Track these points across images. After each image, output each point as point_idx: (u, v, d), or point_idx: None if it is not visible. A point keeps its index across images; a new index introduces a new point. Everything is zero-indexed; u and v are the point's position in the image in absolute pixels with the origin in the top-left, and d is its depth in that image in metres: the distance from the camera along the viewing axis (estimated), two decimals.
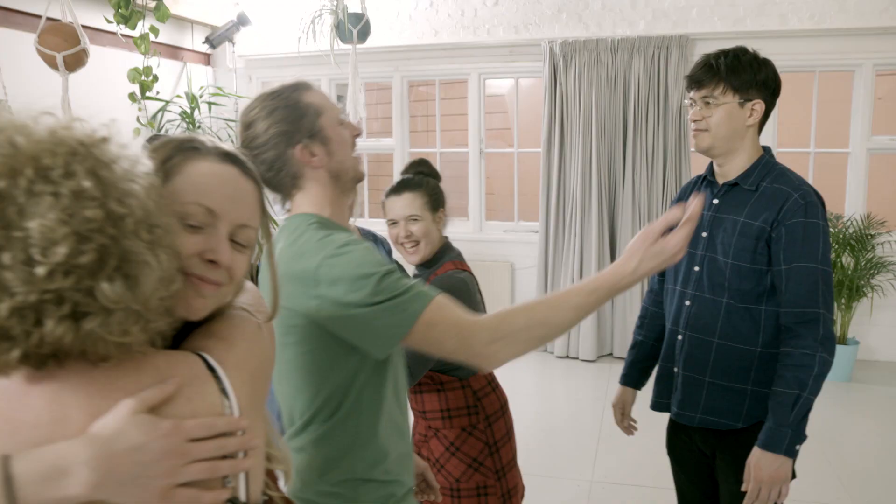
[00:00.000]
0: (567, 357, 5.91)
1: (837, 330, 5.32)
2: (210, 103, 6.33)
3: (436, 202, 2.18)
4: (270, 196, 1.46)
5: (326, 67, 6.15)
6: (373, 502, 1.47)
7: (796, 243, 1.83)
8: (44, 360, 0.77)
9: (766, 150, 2.04)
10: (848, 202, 5.69)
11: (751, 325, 1.91)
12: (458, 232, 6.40)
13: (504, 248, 6.22)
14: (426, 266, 2.18)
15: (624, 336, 5.76)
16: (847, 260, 5.32)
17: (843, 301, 5.27)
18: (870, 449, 4.15)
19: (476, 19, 6.12)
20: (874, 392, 5.07)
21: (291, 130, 1.43)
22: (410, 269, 2.18)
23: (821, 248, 1.84)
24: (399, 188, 2.18)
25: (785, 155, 5.83)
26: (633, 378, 2.33)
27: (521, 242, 6.23)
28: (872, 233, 5.34)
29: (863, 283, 5.24)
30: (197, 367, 0.87)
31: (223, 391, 0.87)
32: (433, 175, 2.25)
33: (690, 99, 1.99)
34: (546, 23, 5.99)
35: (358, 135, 1.54)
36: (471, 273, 2.17)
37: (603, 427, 4.43)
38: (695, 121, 1.96)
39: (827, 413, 4.70)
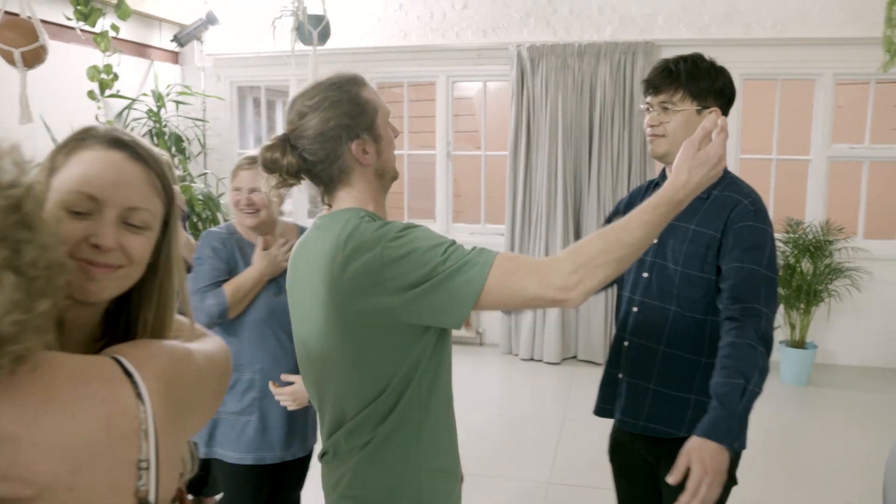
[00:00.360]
0: (532, 359, 5.94)
1: (797, 334, 5.40)
2: (177, 102, 6.29)
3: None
4: (313, 189, 1.50)
5: (293, 68, 6.14)
6: (440, 493, 1.48)
7: (743, 245, 1.81)
8: None
9: None
10: (808, 209, 5.77)
11: (697, 334, 1.90)
12: None
13: None
14: None
15: (588, 339, 5.80)
16: (806, 265, 5.41)
17: (801, 306, 5.35)
18: (827, 452, 4.22)
19: (445, 22, 6.14)
20: (832, 395, 5.15)
21: (352, 125, 1.42)
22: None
23: (767, 253, 1.82)
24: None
25: (748, 161, 5.92)
26: None
27: (487, 244, 6.19)
28: (831, 239, 5.43)
29: (821, 288, 5.32)
30: (112, 370, 0.87)
31: (139, 395, 0.87)
32: None
33: (647, 104, 1.97)
34: (514, 27, 6.02)
35: (398, 135, 1.56)
36: None
37: (563, 429, 4.46)
38: (651, 126, 1.94)
39: (785, 416, 4.78)
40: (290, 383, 2.16)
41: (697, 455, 1.58)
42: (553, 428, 4.50)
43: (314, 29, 4.64)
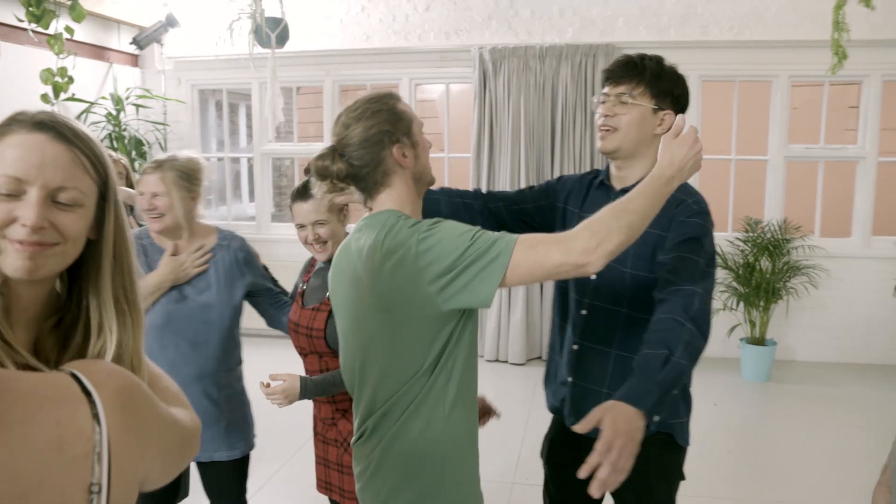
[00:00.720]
0: (497, 360, 5.96)
1: (757, 332, 5.49)
2: (137, 105, 6.22)
3: (340, 205, 2.22)
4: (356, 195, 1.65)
5: (257, 70, 6.10)
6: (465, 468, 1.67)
7: (682, 238, 1.79)
8: None
9: None
10: (766, 208, 5.88)
11: (643, 333, 1.82)
12: None
13: None
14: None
15: None
16: (765, 264, 5.50)
17: (761, 304, 5.44)
18: (786, 447, 4.29)
19: (407, 25, 6.15)
20: (792, 391, 5.24)
21: (392, 131, 1.58)
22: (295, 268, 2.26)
23: (706, 249, 1.79)
24: (304, 194, 2.26)
25: (707, 162, 5.99)
26: None
27: None
28: (789, 238, 5.53)
29: (779, 286, 5.42)
30: (69, 388, 0.86)
31: (95, 416, 0.86)
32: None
33: (604, 95, 1.90)
34: (476, 29, 6.05)
35: (431, 146, 1.71)
36: None
37: (528, 429, 4.49)
38: (606, 116, 1.87)
39: (746, 412, 4.85)
40: (276, 382, 2.20)
41: (611, 415, 1.46)
42: (518, 428, 4.52)
43: (272, 32, 4.61)
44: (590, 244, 1.43)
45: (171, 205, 2.29)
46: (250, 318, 2.57)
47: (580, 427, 1.47)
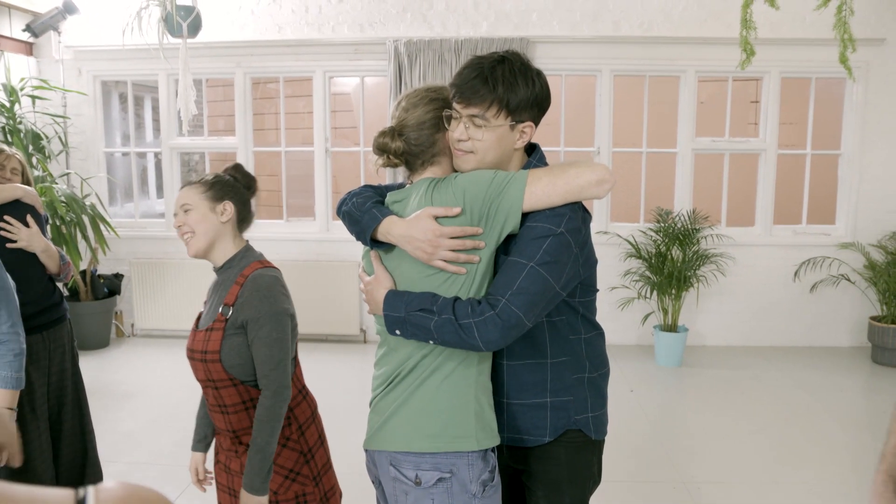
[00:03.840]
0: None
1: (669, 318, 5.76)
2: (33, 97, 5.97)
3: (220, 193, 2.12)
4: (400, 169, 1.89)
5: (163, 62, 5.96)
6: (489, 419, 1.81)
7: (522, 241, 1.72)
8: None
9: (535, 149, 1.90)
10: (676, 199, 6.16)
11: (536, 337, 1.84)
12: (305, 232, 6.39)
13: (351, 248, 6.26)
14: (229, 266, 2.13)
15: None
16: (676, 253, 5.77)
17: (672, 291, 5.71)
18: (699, 427, 4.53)
19: (321, 16, 6.13)
20: (703, 375, 5.52)
21: (445, 118, 1.78)
22: (208, 269, 2.15)
23: (545, 246, 1.70)
24: (188, 182, 2.18)
25: (620, 154, 6.25)
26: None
27: None
28: (698, 227, 5.81)
29: (690, 274, 5.69)
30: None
31: None
32: (243, 180, 2.22)
33: (455, 111, 1.75)
34: (391, 21, 6.09)
35: None
36: (278, 271, 2.14)
37: None
38: (461, 140, 1.74)
39: (660, 397, 5.08)
40: None
41: None
42: None
43: (184, 21, 4.51)
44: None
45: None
46: None
47: None
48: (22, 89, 5.86)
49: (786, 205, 6.43)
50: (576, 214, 1.72)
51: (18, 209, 2.83)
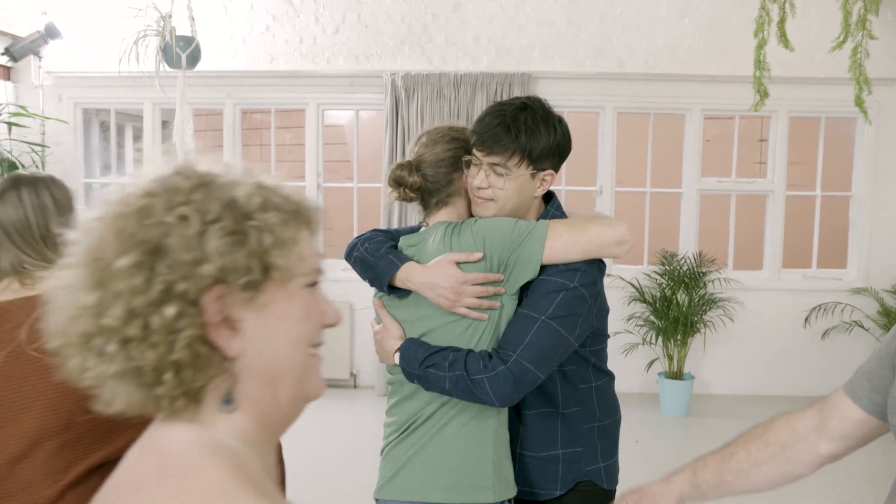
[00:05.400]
0: None
1: (675, 365, 5.64)
2: (10, 124, 5.83)
3: None
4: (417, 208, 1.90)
5: (150, 91, 5.82)
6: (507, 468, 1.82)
7: (535, 294, 1.73)
8: None
9: (551, 198, 1.92)
10: (682, 241, 6.08)
11: (547, 389, 1.85)
12: None
13: (343, 288, 6.07)
14: None
15: None
16: (682, 297, 5.67)
17: (678, 337, 5.60)
18: None
19: (315, 47, 6.06)
20: (710, 425, 5.39)
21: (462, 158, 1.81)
22: None
23: (556, 304, 1.71)
24: None
25: (623, 194, 6.18)
26: None
27: (360, 281, 5.96)
28: (704, 270, 5.73)
29: (696, 319, 5.59)
30: None
31: None
32: None
33: (476, 158, 1.77)
34: (388, 54, 6.03)
35: None
36: None
37: None
38: (481, 188, 1.76)
39: (666, 447, 4.95)
40: None
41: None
42: None
43: (183, 52, 4.42)
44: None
45: None
46: None
47: None
48: None
49: (795, 248, 6.37)
50: (591, 268, 1.75)
51: None
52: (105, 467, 1.49)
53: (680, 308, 5.61)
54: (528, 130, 1.73)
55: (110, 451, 1.52)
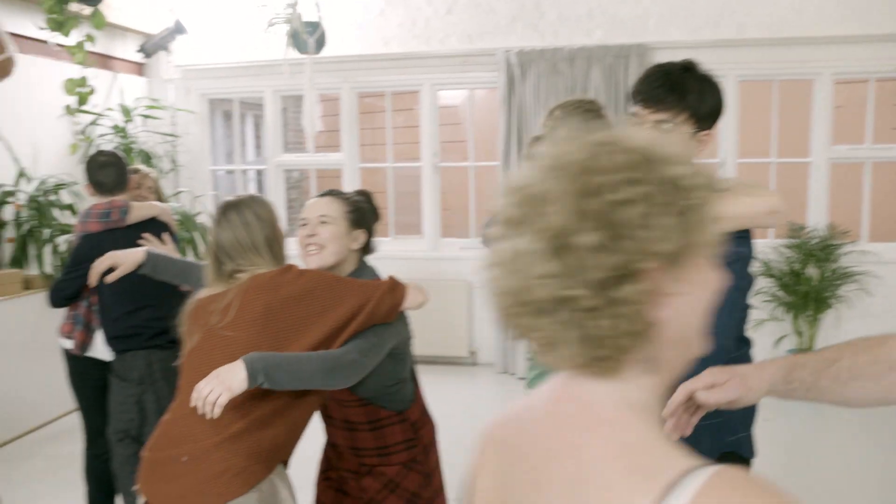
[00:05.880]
0: (505, 373, 5.95)
1: (805, 342, 5.46)
2: (145, 116, 6.19)
3: (358, 220, 2.17)
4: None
5: (271, 78, 6.08)
6: None
7: None
8: None
9: None
10: (810, 212, 5.85)
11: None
12: (413, 250, 6.38)
13: (461, 266, 6.21)
14: None
15: None
16: (812, 271, 5.47)
17: (809, 313, 5.41)
18: (840, 462, 4.25)
19: (428, 29, 6.14)
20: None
21: None
22: None
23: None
24: (323, 193, 2.22)
25: (746, 165, 6.00)
26: None
27: (478, 260, 6.20)
28: (836, 243, 5.50)
29: (828, 294, 5.39)
30: None
31: None
32: (369, 205, 2.29)
33: (636, 116, 1.79)
34: (500, 32, 6.05)
35: None
36: None
37: None
38: None
39: (796, 428, 4.81)
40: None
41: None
42: None
43: (310, 36, 4.59)
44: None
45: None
46: None
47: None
48: (135, 109, 6.07)
49: None
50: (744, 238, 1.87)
51: (154, 227, 2.89)
52: (250, 428, 1.80)
53: (810, 283, 5.42)
54: (695, 90, 1.75)
55: (254, 418, 1.80)
